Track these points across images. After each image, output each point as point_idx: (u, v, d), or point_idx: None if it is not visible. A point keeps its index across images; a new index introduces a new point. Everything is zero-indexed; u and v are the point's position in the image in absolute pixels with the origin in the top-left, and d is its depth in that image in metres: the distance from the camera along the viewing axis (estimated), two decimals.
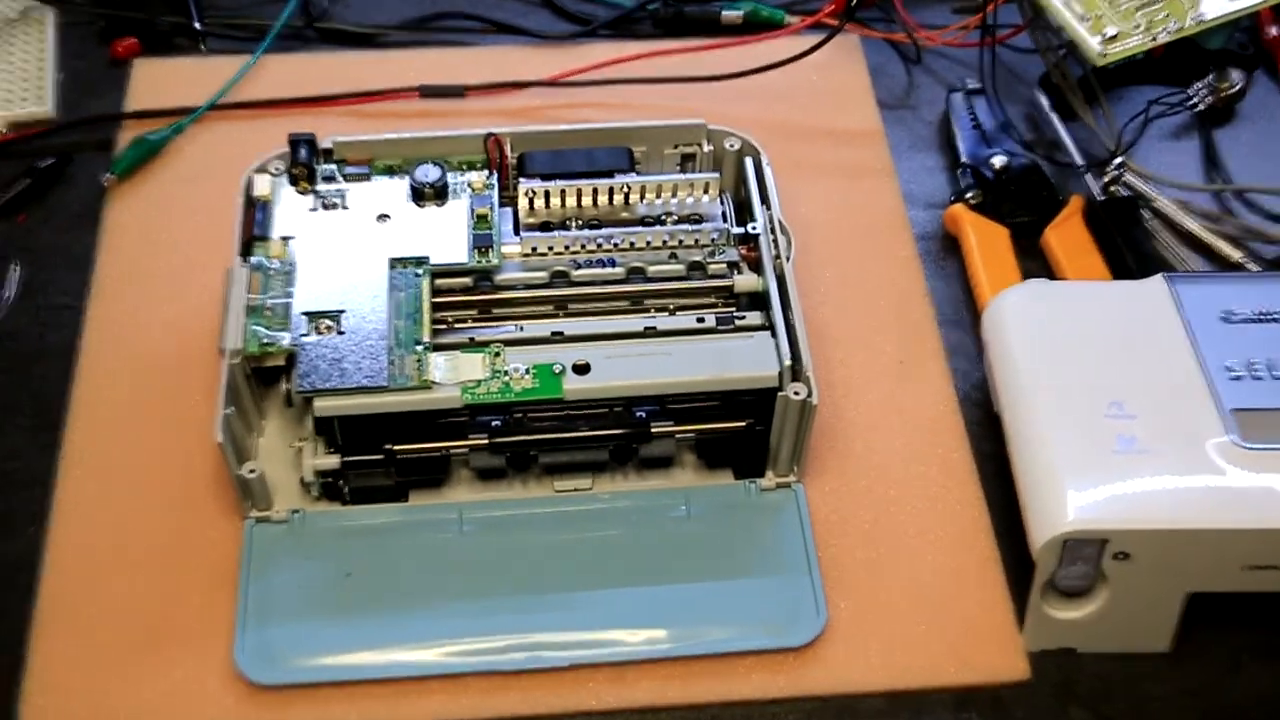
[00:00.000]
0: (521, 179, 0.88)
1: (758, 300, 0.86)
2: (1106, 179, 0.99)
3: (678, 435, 0.83)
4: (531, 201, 0.87)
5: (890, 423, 0.89)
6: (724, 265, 0.87)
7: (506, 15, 1.11)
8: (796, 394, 0.80)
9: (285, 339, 0.80)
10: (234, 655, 0.79)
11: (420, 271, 0.84)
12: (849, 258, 0.97)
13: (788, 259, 0.86)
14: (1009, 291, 0.88)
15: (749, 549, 0.82)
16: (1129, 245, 0.95)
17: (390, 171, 0.90)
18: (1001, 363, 0.84)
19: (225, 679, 0.78)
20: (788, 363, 0.81)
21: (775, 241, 0.87)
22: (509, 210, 0.88)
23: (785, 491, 0.85)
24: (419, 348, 0.80)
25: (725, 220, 0.88)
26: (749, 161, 0.91)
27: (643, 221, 0.88)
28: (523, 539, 0.82)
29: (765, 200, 0.88)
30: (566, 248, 0.86)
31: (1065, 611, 0.80)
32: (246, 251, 0.85)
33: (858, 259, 0.97)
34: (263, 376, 0.83)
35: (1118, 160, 0.99)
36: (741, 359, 0.81)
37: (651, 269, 0.87)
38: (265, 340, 0.81)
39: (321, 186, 0.88)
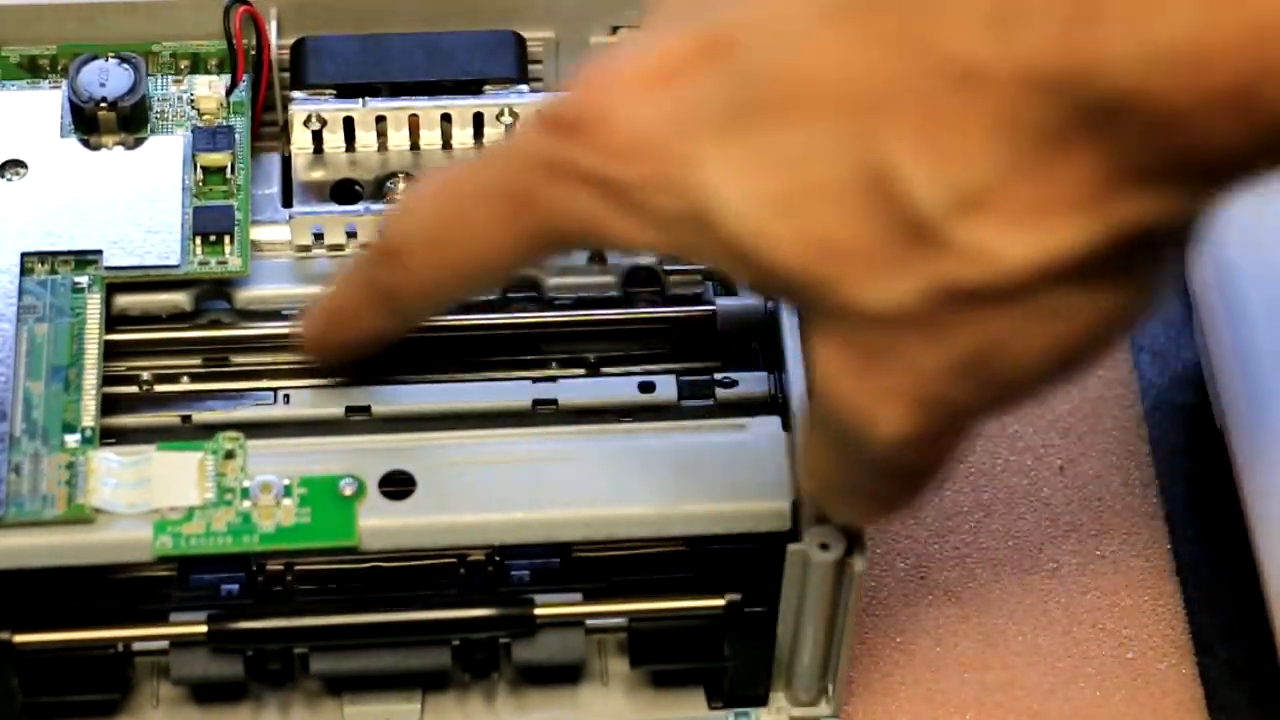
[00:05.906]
0: (298, 94, 0.69)
1: (769, 344, 0.67)
2: None
3: (591, 622, 0.63)
4: (317, 137, 0.69)
5: (1038, 567, 0.70)
6: (697, 275, 0.68)
7: None
8: (824, 549, 0.63)
9: None
10: None
11: (86, 281, 0.66)
12: None
13: None
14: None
15: None
16: None
17: (34, 73, 0.70)
18: (1233, 334, 0.69)
19: None
20: None
21: None
22: (273, 158, 0.69)
23: None
24: (73, 439, 0.63)
25: None
26: None
27: None
28: None
29: None
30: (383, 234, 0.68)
31: None
32: None
33: None
34: None
35: None
36: (722, 474, 0.63)
37: (553, 282, 0.68)
38: None
39: None
